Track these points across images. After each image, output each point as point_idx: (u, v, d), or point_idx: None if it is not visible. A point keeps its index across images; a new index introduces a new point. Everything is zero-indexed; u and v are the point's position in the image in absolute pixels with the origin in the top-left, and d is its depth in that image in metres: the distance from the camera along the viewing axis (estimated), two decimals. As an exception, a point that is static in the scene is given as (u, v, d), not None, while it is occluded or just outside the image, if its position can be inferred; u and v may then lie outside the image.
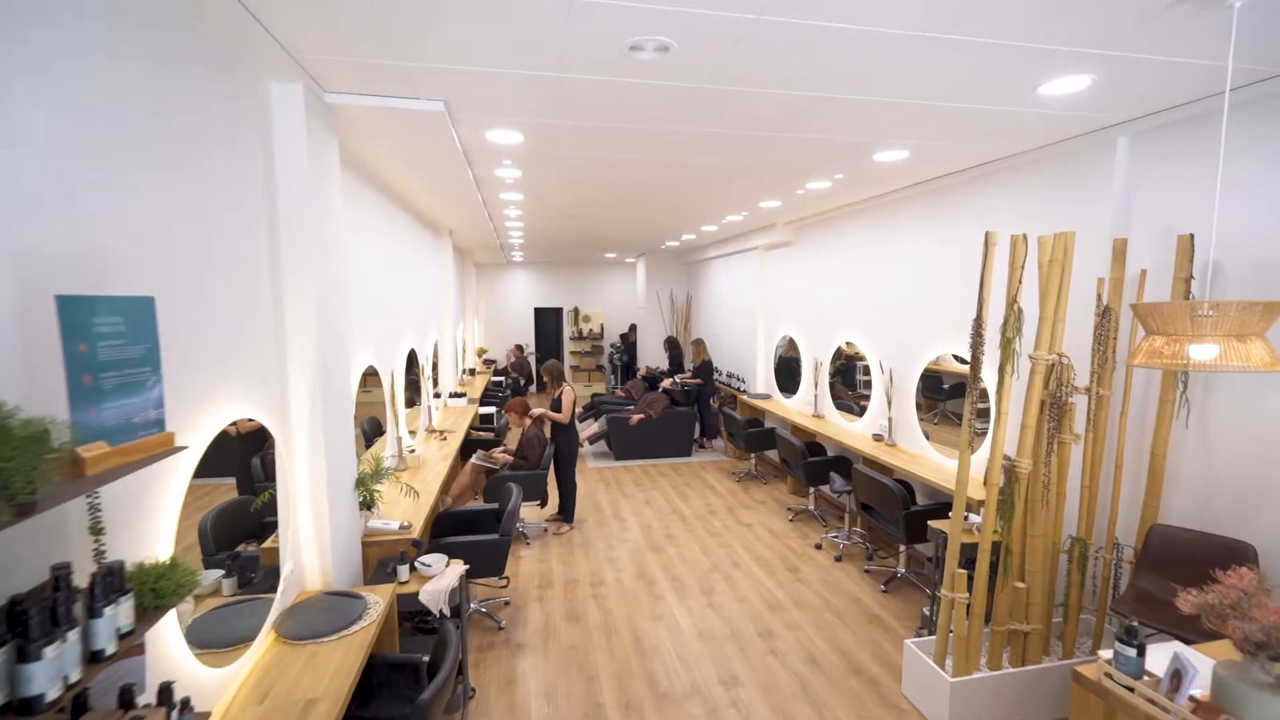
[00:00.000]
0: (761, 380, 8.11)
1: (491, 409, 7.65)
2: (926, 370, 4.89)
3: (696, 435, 8.64)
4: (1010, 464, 2.88)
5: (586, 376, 13.90)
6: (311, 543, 2.67)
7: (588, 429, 8.36)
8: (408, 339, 5.17)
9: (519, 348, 12.08)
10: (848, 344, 6.07)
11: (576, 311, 13.91)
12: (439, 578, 2.92)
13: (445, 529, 4.17)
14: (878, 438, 5.40)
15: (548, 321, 15.17)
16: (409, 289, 5.39)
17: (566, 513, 5.65)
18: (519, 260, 13.34)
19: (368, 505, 3.27)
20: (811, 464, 5.52)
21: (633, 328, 13.31)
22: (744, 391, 8.31)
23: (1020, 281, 2.80)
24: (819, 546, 5.20)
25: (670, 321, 11.56)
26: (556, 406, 5.55)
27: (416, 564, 2.96)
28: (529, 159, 4.02)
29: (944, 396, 4.81)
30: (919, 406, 5.00)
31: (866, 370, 6.01)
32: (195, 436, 1.88)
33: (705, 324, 10.47)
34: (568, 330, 13.96)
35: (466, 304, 10.45)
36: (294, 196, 2.50)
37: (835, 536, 5.34)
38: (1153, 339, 2.01)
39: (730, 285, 9.15)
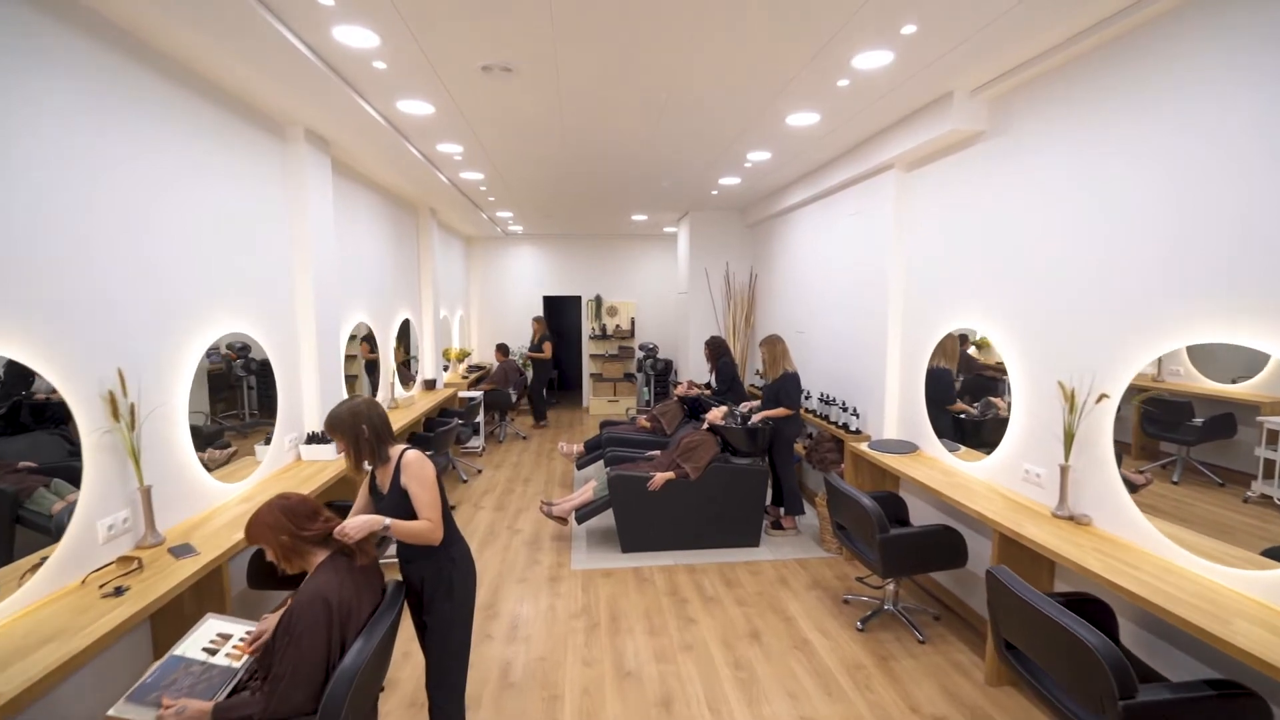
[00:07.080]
0: (893, 416, 4.40)
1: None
2: None
3: (767, 502, 5.02)
4: None
5: (612, 389, 10.40)
6: None
7: (578, 494, 4.85)
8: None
9: (501, 349, 8.65)
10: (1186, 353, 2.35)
11: (599, 301, 10.44)
12: None
13: None
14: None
15: (566, 313, 11.77)
16: (119, 225, 2.04)
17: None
18: (518, 232, 9.98)
19: None
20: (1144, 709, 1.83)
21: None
22: (855, 432, 4.64)
23: None
24: None
25: (725, 313, 7.92)
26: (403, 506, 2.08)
27: None
28: None
29: None
30: None
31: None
32: None
33: (779, 316, 6.79)
34: (587, 327, 10.51)
35: (424, 283, 7.14)
36: None
37: None
38: None
39: (827, 246, 5.45)
